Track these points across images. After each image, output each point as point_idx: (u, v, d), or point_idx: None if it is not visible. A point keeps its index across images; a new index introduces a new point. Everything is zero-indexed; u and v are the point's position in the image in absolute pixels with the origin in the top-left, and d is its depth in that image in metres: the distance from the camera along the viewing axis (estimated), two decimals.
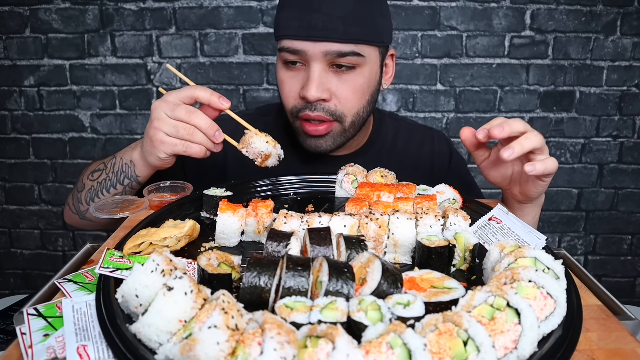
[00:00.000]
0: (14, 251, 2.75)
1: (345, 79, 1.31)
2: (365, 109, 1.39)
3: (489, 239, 1.00)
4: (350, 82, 1.32)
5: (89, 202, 1.36)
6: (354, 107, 1.36)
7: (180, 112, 1.14)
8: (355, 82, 1.32)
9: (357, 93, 1.34)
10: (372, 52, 1.33)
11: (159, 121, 1.15)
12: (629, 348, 0.71)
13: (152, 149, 1.18)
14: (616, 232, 2.70)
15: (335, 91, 1.31)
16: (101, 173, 1.35)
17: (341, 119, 1.35)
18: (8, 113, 2.54)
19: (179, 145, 1.15)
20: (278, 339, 0.58)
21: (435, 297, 0.72)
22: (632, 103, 2.50)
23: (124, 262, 0.84)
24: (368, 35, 1.29)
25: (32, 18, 2.40)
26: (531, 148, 1.03)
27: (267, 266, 0.75)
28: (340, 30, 1.23)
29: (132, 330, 0.66)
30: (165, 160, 1.20)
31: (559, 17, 2.38)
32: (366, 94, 1.37)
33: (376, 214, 0.97)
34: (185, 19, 2.40)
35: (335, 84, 1.31)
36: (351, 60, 1.28)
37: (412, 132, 1.67)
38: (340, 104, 1.33)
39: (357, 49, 1.27)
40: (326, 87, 1.30)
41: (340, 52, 1.26)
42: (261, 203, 1.04)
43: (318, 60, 1.27)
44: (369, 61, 1.32)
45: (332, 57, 1.27)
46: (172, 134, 1.15)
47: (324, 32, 1.23)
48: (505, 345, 0.63)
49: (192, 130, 1.14)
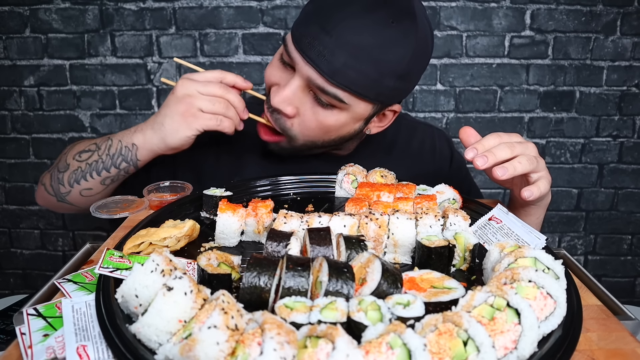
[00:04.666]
0: (14, 251, 2.75)
1: (317, 111, 1.21)
2: (325, 143, 1.31)
3: (489, 239, 1.00)
4: (320, 116, 1.22)
5: (73, 184, 1.31)
6: (311, 137, 1.27)
7: (215, 88, 1.18)
8: (326, 120, 1.22)
9: (322, 129, 1.25)
10: (362, 105, 1.21)
11: (191, 97, 1.16)
12: (629, 348, 0.71)
13: (182, 127, 1.18)
14: (616, 232, 2.70)
15: (302, 113, 1.23)
16: (92, 154, 1.30)
17: (292, 139, 1.28)
18: (8, 113, 2.54)
19: (213, 119, 1.18)
20: (278, 339, 0.58)
21: (435, 297, 0.72)
22: (632, 103, 2.50)
23: (124, 262, 0.84)
24: (363, 89, 1.16)
25: (32, 18, 2.40)
26: (523, 172, 1.03)
27: (267, 266, 0.75)
28: (335, 67, 1.11)
29: (132, 331, 0.66)
30: (189, 140, 1.21)
31: (559, 17, 2.38)
32: (332, 134, 1.28)
33: (376, 214, 0.97)
34: (185, 19, 2.40)
35: (306, 108, 1.22)
36: (331, 100, 1.17)
37: (413, 130, 1.64)
38: (298, 127, 1.25)
39: (342, 95, 1.16)
40: (296, 104, 1.21)
41: (322, 88, 1.15)
42: (261, 203, 1.04)
43: (302, 78, 1.18)
44: (352, 110, 1.21)
45: (314, 86, 1.17)
46: (207, 109, 1.17)
47: (317, 59, 1.12)
48: (505, 345, 0.63)
49: (227, 105, 1.19)
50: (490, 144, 1.03)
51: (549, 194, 1.20)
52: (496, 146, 1.02)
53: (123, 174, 1.31)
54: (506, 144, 1.03)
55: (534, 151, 1.07)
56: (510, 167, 1.01)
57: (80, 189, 1.32)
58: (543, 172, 1.08)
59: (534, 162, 1.04)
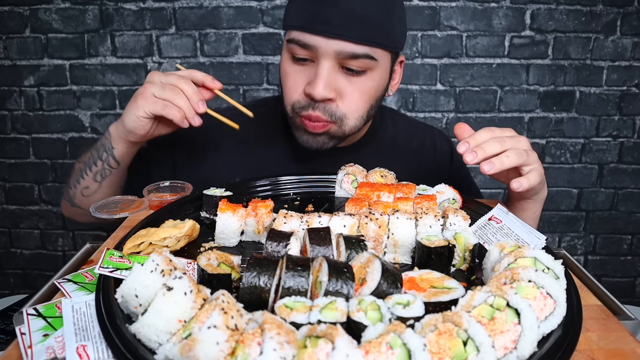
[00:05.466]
0: (14, 251, 2.75)
1: (354, 82, 1.25)
2: (369, 113, 1.34)
3: (489, 239, 1.00)
4: (359, 85, 1.26)
5: (75, 184, 1.36)
6: (359, 110, 1.30)
7: (172, 77, 1.19)
8: (364, 86, 1.27)
9: (364, 97, 1.29)
10: (385, 56, 1.27)
11: (149, 84, 1.20)
12: (629, 348, 0.71)
13: (133, 108, 1.20)
14: (616, 232, 2.70)
15: (342, 91, 1.26)
16: (87, 153, 1.36)
17: (341, 121, 1.29)
18: (8, 113, 2.54)
19: (159, 104, 1.17)
20: (278, 339, 0.58)
21: (435, 297, 0.72)
22: (632, 103, 2.50)
23: (124, 262, 0.84)
24: (384, 39, 1.22)
25: (32, 18, 2.40)
26: (510, 167, 1.04)
27: (267, 266, 0.75)
28: (357, 29, 1.17)
29: (132, 331, 0.66)
30: (140, 121, 1.20)
31: (559, 17, 2.38)
32: (372, 99, 1.32)
33: (376, 214, 0.97)
34: (185, 19, 2.40)
35: (343, 84, 1.25)
36: (364, 63, 1.22)
37: (413, 128, 1.66)
38: (344, 105, 1.27)
39: (372, 52, 1.21)
40: (334, 87, 1.24)
41: (354, 53, 1.19)
42: (261, 203, 1.04)
43: (329, 58, 1.20)
44: (380, 66, 1.26)
45: (344, 58, 1.20)
46: (157, 94, 1.18)
47: (340, 30, 1.16)
48: (505, 345, 0.63)
49: (177, 92, 1.17)
50: (482, 138, 1.04)
51: (544, 188, 1.21)
52: (486, 141, 1.03)
53: (107, 167, 1.31)
54: (497, 139, 1.04)
55: (525, 145, 1.08)
56: (497, 161, 1.02)
57: (81, 189, 1.36)
58: (535, 165, 1.09)
59: (523, 156, 1.05)
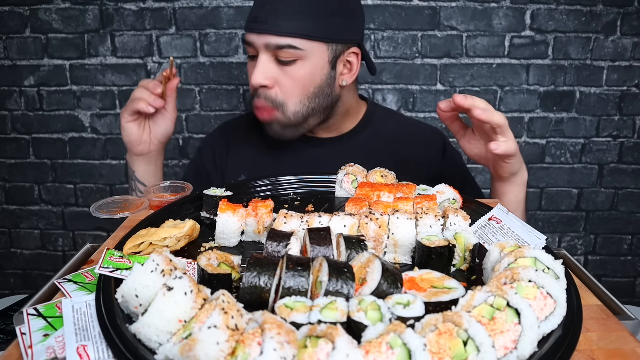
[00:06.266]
0: (14, 251, 2.75)
1: (286, 70, 1.40)
2: (311, 99, 1.45)
3: (489, 239, 1.00)
4: (290, 73, 1.40)
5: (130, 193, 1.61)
6: (295, 96, 1.43)
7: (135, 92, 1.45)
8: (296, 74, 1.40)
9: (298, 84, 1.41)
10: (316, 47, 1.39)
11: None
12: (629, 348, 0.71)
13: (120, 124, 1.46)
14: (616, 232, 2.70)
15: (277, 79, 1.41)
16: None
17: (281, 106, 1.43)
18: (8, 113, 2.54)
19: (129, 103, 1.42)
20: (278, 339, 0.58)
21: (435, 297, 0.72)
22: (632, 103, 2.50)
23: (124, 262, 0.84)
24: (307, 31, 1.35)
25: (32, 18, 2.40)
26: (498, 123, 1.14)
27: (267, 266, 0.75)
28: (278, 24, 1.33)
29: (132, 330, 0.66)
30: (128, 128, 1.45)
31: (559, 17, 2.38)
32: (309, 86, 1.43)
33: (376, 214, 0.97)
34: (185, 19, 2.40)
35: (277, 73, 1.40)
36: (290, 53, 1.36)
37: (405, 124, 1.73)
38: (282, 93, 1.42)
39: (295, 42, 1.35)
40: (268, 75, 1.39)
41: (277, 44, 1.35)
42: (261, 203, 1.04)
43: (263, 51, 1.38)
44: (310, 55, 1.39)
45: (273, 50, 1.37)
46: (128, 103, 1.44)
47: (264, 25, 1.34)
48: (505, 345, 0.63)
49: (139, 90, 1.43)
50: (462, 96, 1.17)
51: (522, 169, 1.30)
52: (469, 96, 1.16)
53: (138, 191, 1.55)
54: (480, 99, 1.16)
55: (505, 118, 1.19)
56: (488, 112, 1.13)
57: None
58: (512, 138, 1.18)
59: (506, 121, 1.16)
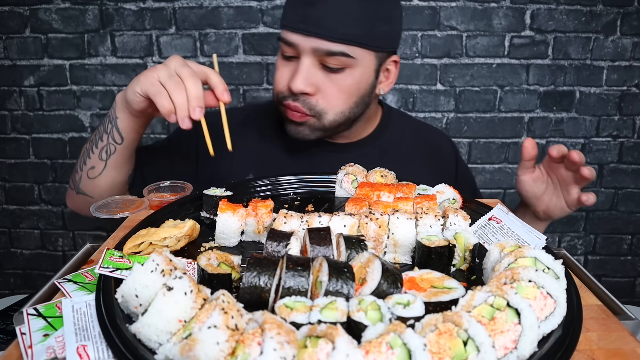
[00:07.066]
0: (14, 251, 2.75)
1: (332, 78, 1.31)
2: (352, 110, 1.38)
3: (489, 239, 1.00)
4: (337, 81, 1.31)
5: (82, 166, 1.35)
6: (338, 106, 1.35)
7: (185, 70, 1.12)
8: (343, 83, 1.32)
9: (344, 94, 1.33)
10: (366, 55, 1.31)
11: (163, 66, 1.15)
12: (629, 348, 0.71)
13: (135, 81, 1.17)
14: (616, 232, 2.70)
15: (321, 87, 1.32)
16: (95, 132, 1.35)
17: (320, 115, 1.34)
18: (8, 113, 2.54)
19: (155, 88, 1.12)
20: (278, 339, 0.58)
21: (435, 297, 0.72)
22: (632, 103, 2.50)
23: (124, 262, 0.84)
24: (361, 38, 1.27)
25: (32, 18, 2.40)
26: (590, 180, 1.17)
27: (267, 266, 0.75)
28: (331, 28, 1.23)
29: (132, 330, 0.66)
30: (136, 97, 1.17)
31: (559, 17, 2.38)
32: (354, 96, 1.36)
33: (376, 214, 0.97)
34: (185, 19, 2.40)
35: (322, 80, 1.31)
36: (340, 60, 1.28)
37: (419, 130, 1.68)
38: (323, 101, 1.33)
39: (348, 50, 1.26)
40: (312, 82, 1.30)
41: (329, 50, 1.26)
42: (261, 203, 1.04)
43: (308, 55, 1.28)
44: (360, 64, 1.31)
45: (322, 55, 1.27)
46: (161, 79, 1.13)
47: (315, 28, 1.24)
48: (505, 345, 0.63)
49: (179, 88, 1.10)
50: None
51: None
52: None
53: (112, 141, 1.29)
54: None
55: None
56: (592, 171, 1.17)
57: (87, 170, 1.34)
58: None
59: None
